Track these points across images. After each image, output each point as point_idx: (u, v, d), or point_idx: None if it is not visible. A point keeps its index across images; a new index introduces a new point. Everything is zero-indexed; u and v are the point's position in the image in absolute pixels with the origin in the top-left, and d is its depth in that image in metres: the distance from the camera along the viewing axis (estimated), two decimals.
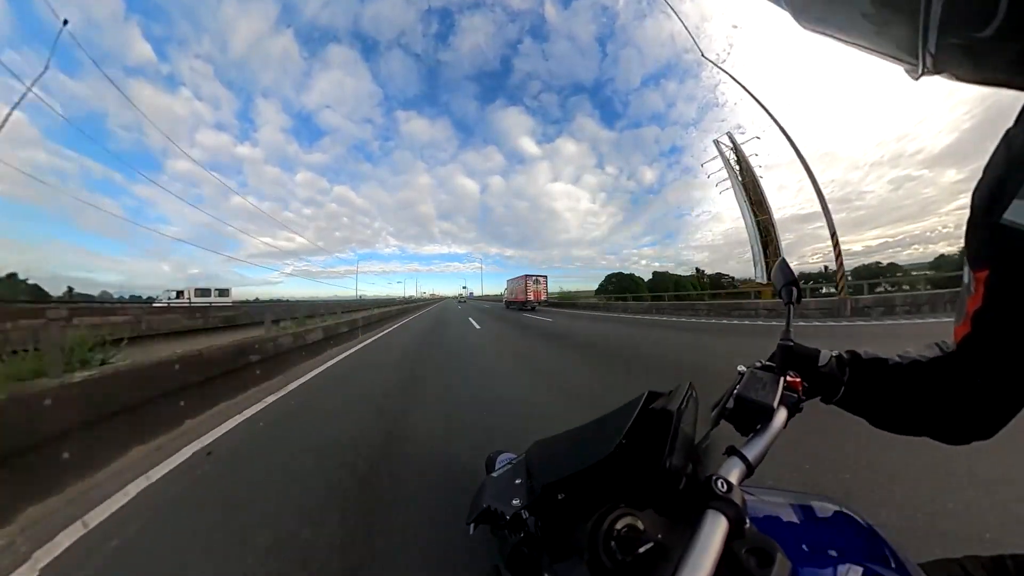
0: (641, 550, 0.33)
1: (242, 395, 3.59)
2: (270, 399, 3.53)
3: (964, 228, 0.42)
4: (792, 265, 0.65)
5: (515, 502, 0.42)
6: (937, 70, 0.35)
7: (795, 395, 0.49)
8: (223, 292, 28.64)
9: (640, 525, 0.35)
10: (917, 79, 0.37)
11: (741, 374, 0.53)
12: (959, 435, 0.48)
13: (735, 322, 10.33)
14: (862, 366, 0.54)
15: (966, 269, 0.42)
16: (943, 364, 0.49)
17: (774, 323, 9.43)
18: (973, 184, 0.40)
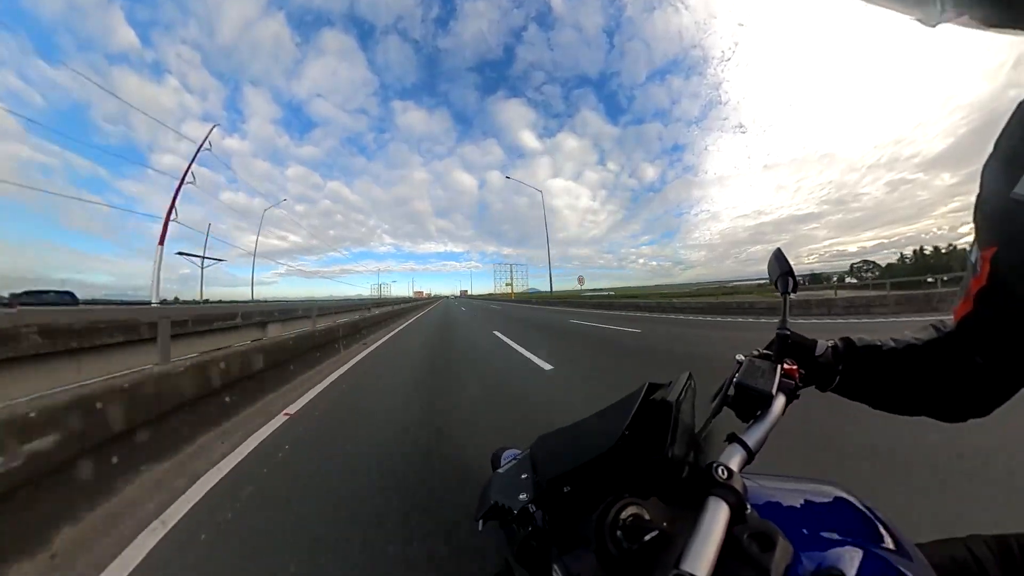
0: (646, 538, 0.33)
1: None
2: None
3: (973, 208, 0.40)
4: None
5: (522, 496, 0.43)
6: (957, 13, 0.33)
7: (792, 382, 0.50)
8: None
9: (645, 514, 0.36)
10: (934, 26, 0.36)
11: (740, 363, 0.54)
12: (957, 414, 0.49)
13: None
14: (857, 354, 0.55)
15: (974, 249, 0.42)
16: (941, 344, 0.49)
17: None
18: (968, 188, 0.40)
